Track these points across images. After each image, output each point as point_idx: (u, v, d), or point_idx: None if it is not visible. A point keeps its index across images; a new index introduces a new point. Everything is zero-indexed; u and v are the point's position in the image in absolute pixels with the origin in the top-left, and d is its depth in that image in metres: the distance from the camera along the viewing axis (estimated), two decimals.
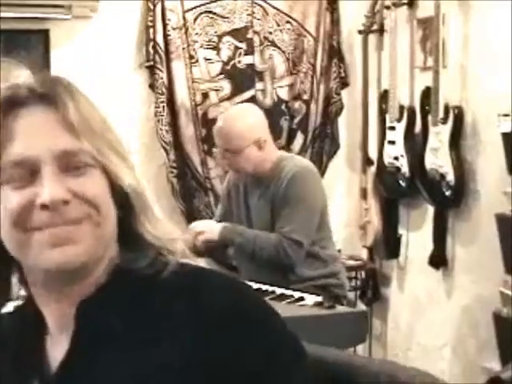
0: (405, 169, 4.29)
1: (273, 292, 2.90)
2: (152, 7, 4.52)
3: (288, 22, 4.86)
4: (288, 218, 3.26)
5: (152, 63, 4.55)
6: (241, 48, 4.75)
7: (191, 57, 4.64)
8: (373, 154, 4.66)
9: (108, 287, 1.18)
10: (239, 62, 4.76)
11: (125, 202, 1.19)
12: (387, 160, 4.43)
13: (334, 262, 3.47)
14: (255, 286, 2.99)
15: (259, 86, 4.80)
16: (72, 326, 1.17)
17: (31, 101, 1.19)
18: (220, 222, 3.63)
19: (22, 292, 1.23)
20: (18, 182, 1.13)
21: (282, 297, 2.84)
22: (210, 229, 3.41)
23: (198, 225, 3.50)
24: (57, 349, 1.18)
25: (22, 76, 1.25)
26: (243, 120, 3.36)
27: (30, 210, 1.12)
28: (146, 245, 1.19)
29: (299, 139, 4.90)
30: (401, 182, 4.33)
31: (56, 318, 1.19)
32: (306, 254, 3.30)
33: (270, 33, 4.82)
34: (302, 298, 2.81)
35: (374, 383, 1.29)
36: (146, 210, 1.21)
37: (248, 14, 4.76)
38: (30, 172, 1.13)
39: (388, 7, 4.44)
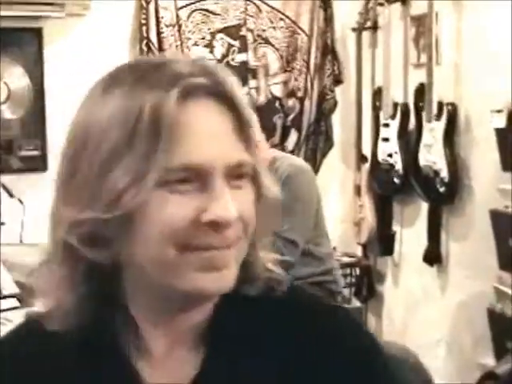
0: (399, 165, 4.29)
1: None
2: (145, 5, 4.51)
3: (281, 19, 4.86)
4: (284, 218, 3.26)
5: None
6: (234, 45, 4.75)
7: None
8: (367, 150, 4.66)
9: (224, 308, 1.07)
10: (233, 59, 4.76)
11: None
12: (381, 157, 4.43)
13: (329, 259, 3.47)
14: None
15: (253, 83, 4.79)
16: (188, 349, 1.06)
17: (202, 94, 0.99)
18: None
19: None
20: (182, 187, 0.97)
21: None
22: None
23: None
24: (159, 372, 1.06)
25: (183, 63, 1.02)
26: None
27: (195, 225, 0.97)
28: (257, 272, 1.08)
29: (293, 136, 4.90)
30: (395, 178, 4.34)
31: (166, 341, 1.06)
32: (302, 252, 3.30)
33: (264, 30, 4.82)
34: None
35: None
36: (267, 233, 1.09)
37: (241, 12, 4.76)
38: (197, 179, 0.98)
39: (381, 4, 4.45)
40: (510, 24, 3.57)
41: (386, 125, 4.37)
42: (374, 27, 4.64)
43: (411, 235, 4.48)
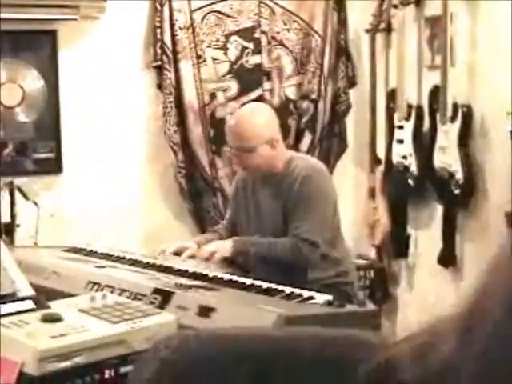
0: (413, 168, 4.28)
1: (282, 291, 2.90)
2: (159, 7, 4.52)
3: (295, 21, 4.86)
4: (302, 219, 3.26)
5: (160, 63, 4.55)
6: (248, 48, 4.75)
7: (199, 56, 4.64)
8: (381, 153, 4.66)
9: None
10: (247, 61, 4.76)
11: None
12: (395, 159, 4.42)
13: (345, 262, 3.46)
14: (265, 285, 2.99)
15: (267, 85, 4.80)
16: None
17: None
18: (229, 224, 3.62)
19: None
20: None
21: (291, 296, 2.83)
22: (220, 247, 3.36)
23: (207, 247, 3.41)
24: None
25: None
26: (256, 119, 3.35)
27: None
28: None
29: (307, 139, 4.90)
30: (409, 180, 4.33)
31: None
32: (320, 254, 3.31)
33: (278, 32, 4.82)
34: (311, 297, 2.80)
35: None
36: None
37: (255, 14, 4.76)
38: None
39: (395, 6, 4.44)
40: None
41: (401, 127, 4.36)
42: (388, 29, 4.64)
43: (426, 237, 4.47)
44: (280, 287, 2.94)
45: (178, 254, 3.43)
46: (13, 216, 3.88)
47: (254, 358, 1.29)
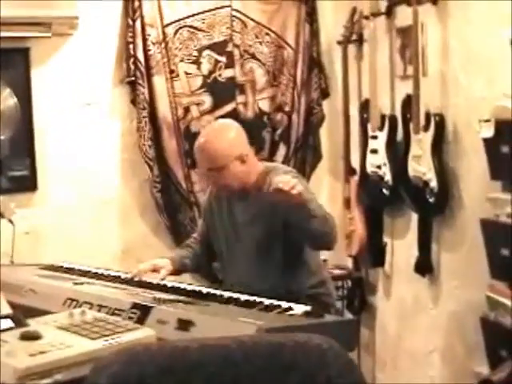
0: (388, 177, 4.31)
1: (260, 303, 2.90)
2: (131, 23, 4.52)
3: (267, 34, 4.88)
4: (312, 209, 3.15)
5: (133, 78, 4.55)
6: (221, 61, 4.77)
7: (172, 71, 4.65)
8: (355, 163, 4.68)
9: None
10: (220, 75, 4.77)
11: None
12: (370, 169, 4.45)
13: (321, 271, 3.47)
14: (243, 297, 2.99)
15: (240, 98, 4.81)
16: None
17: None
18: (203, 238, 3.61)
19: None
20: None
21: (270, 307, 2.84)
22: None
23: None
24: None
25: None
26: (224, 137, 3.32)
27: None
28: None
29: (282, 150, 4.92)
30: (384, 190, 4.35)
31: None
32: (296, 264, 3.30)
33: (250, 45, 4.84)
34: (290, 308, 2.81)
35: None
36: None
37: (227, 28, 4.77)
38: None
39: (366, 17, 4.48)
40: (497, 31, 3.59)
41: (374, 137, 4.39)
42: (360, 40, 4.67)
43: (402, 246, 4.49)
44: (258, 299, 2.95)
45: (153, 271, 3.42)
46: None
47: (205, 369, 1.30)
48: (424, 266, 4.21)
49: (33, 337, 2.17)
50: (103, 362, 1.43)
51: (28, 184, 4.45)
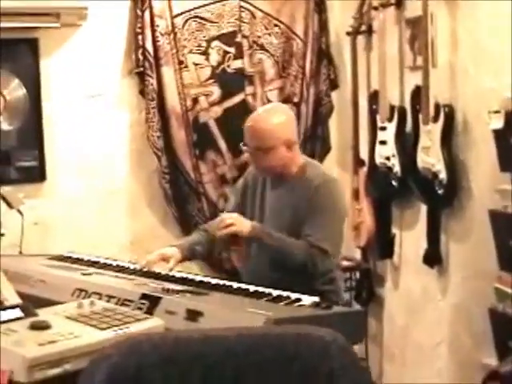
0: (397, 168, 4.30)
1: (269, 294, 2.90)
2: (140, 13, 4.52)
3: (276, 25, 4.87)
4: (317, 227, 3.21)
5: (142, 69, 4.55)
6: (230, 52, 4.76)
7: (180, 62, 4.65)
8: (364, 154, 4.67)
9: None
10: (228, 66, 4.76)
11: None
12: (379, 160, 4.44)
13: (336, 270, 3.45)
14: (252, 288, 2.99)
15: (249, 89, 4.80)
16: None
17: None
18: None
19: None
20: None
21: (278, 298, 2.84)
22: (239, 222, 3.28)
23: (227, 217, 3.33)
24: None
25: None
26: (275, 119, 3.33)
27: None
28: None
29: None
30: (393, 181, 4.34)
31: None
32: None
33: (259, 37, 4.83)
34: (298, 299, 2.81)
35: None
36: None
37: (236, 19, 4.77)
38: None
39: (376, 8, 4.46)
40: (506, 23, 3.58)
41: (383, 128, 4.38)
42: (369, 31, 4.65)
43: (410, 238, 4.48)
44: (267, 290, 2.95)
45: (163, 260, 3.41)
46: None
47: (206, 359, 1.30)
48: (432, 258, 4.20)
49: (42, 327, 2.17)
50: (103, 352, 1.43)
51: (36, 175, 4.46)
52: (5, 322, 2.21)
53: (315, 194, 3.26)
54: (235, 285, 3.08)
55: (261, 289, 2.98)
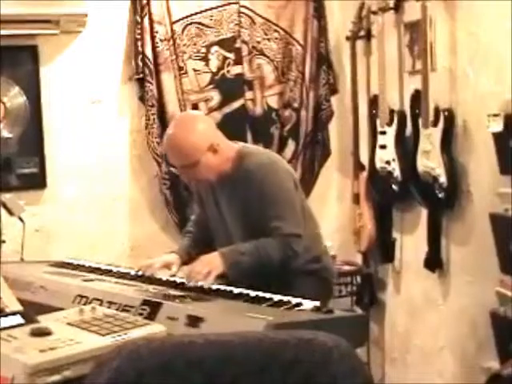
0: (397, 173, 4.30)
1: (270, 299, 2.90)
2: (139, 20, 4.53)
3: (275, 30, 4.88)
4: (277, 216, 3.20)
5: (141, 75, 4.56)
6: (229, 58, 4.77)
7: (180, 68, 4.65)
8: (364, 159, 4.67)
9: None
10: (228, 71, 4.77)
11: None
12: (379, 164, 4.44)
13: (317, 245, 3.42)
14: (252, 293, 2.99)
15: (249, 95, 4.81)
16: None
17: None
18: (196, 226, 3.59)
19: None
20: None
21: (279, 303, 2.84)
22: (212, 265, 3.16)
23: (195, 267, 3.19)
24: None
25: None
26: (191, 131, 3.22)
27: None
28: None
29: (291, 146, 4.91)
30: (393, 185, 4.34)
31: None
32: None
33: (258, 42, 4.84)
34: (299, 304, 2.81)
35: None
36: None
37: (235, 24, 4.77)
38: None
39: (375, 12, 4.46)
40: (505, 26, 3.58)
41: (383, 132, 4.38)
42: (368, 35, 4.66)
43: (411, 242, 4.48)
44: (268, 295, 2.95)
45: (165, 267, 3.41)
46: None
47: (206, 365, 1.29)
48: (433, 262, 4.20)
49: (43, 333, 2.17)
50: (105, 357, 1.43)
51: (37, 181, 4.46)
52: (5, 328, 2.20)
53: (260, 186, 3.20)
54: (236, 290, 3.08)
55: (261, 294, 2.98)
